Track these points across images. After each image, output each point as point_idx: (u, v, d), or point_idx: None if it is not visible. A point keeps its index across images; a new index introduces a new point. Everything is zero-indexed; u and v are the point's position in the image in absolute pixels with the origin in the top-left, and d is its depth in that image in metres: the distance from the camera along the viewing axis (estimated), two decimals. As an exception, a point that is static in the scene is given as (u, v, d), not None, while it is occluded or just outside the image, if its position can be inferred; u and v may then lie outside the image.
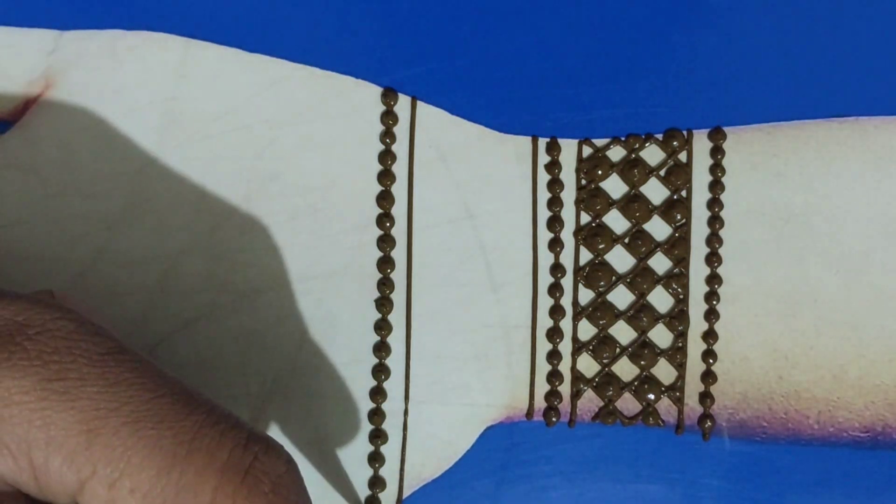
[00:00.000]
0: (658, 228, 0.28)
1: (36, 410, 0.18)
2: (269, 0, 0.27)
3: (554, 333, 0.27)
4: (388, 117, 0.27)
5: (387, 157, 0.27)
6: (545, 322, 0.27)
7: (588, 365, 0.27)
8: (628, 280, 0.28)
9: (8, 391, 0.18)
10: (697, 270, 0.28)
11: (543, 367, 0.27)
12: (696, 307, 0.28)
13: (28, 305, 0.19)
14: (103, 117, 0.26)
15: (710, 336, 0.27)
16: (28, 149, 0.26)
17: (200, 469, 0.18)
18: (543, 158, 0.28)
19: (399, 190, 0.27)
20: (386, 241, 0.27)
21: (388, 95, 0.27)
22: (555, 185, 0.27)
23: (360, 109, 0.27)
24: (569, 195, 0.28)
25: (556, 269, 0.27)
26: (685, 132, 0.28)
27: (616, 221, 0.28)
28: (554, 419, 0.27)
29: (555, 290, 0.27)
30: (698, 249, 0.28)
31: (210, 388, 0.26)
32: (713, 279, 0.28)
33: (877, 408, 0.28)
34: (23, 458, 0.18)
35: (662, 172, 0.28)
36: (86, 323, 0.19)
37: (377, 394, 0.27)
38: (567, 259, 0.28)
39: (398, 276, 0.27)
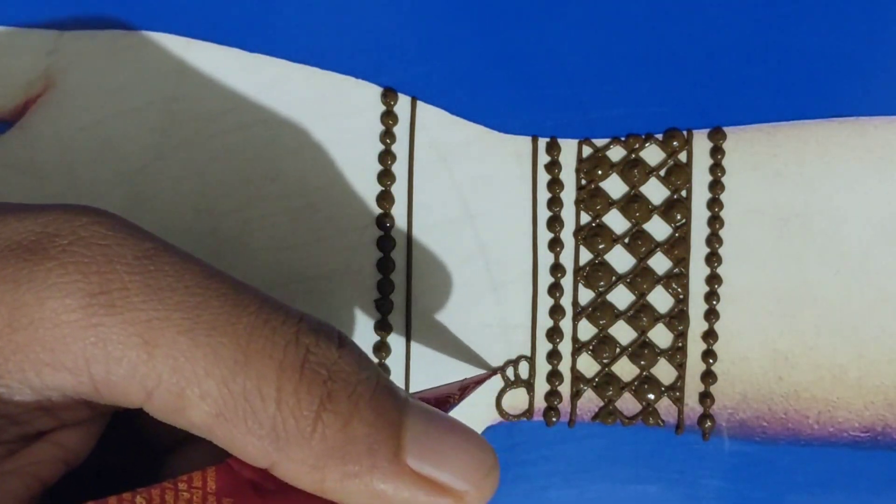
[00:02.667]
0: (658, 228, 0.28)
1: (87, 328, 0.17)
2: (269, 0, 0.27)
3: (554, 333, 0.27)
4: (388, 117, 0.27)
5: (387, 157, 0.27)
6: (545, 322, 0.27)
7: (588, 365, 0.27)
8: (628, 280, 0.28)
9: (54, 312, 0.17)
10: (697, 270, 0.28)
11: (543, 367, 0.27)
12: (696, 307, 0.28)
13: (55, 214, 0.18)
14: (103, 117, 0.26)
15: (710, 336, 0.27)
16: (28, 149, 0.26)
17: (261, 373, 0.18)
18: (543, 158, 0.28)
19: (399, 190, 0.27)
20: (386, 241, 0.27)
21: (388, 95, 0.27)
22: (555, 185, 0.27)
23: (360, 109, 0.27)
24: (569, 195, 0.28)
25: (556, 269, 0.27)
26: (685, 132, 0.28)
27: (616, 221, 0.28)
28: (554, 419, 0.27)
29: (555, 290, 0.27)
30: (698, 249, 0.28)
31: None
32: (713, 279, 0.28)
33: (877, 408, 0.28)
34: (82, 373, 0.17)
35: (662, 172, 0.28)
36: (118, 224, 0.19)
37: (377, 394, 0.27)
38: (567, 259, 0.28)
39: (398, 276, 0.27)
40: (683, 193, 0.28)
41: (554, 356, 0.27)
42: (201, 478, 0.18)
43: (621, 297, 0.28)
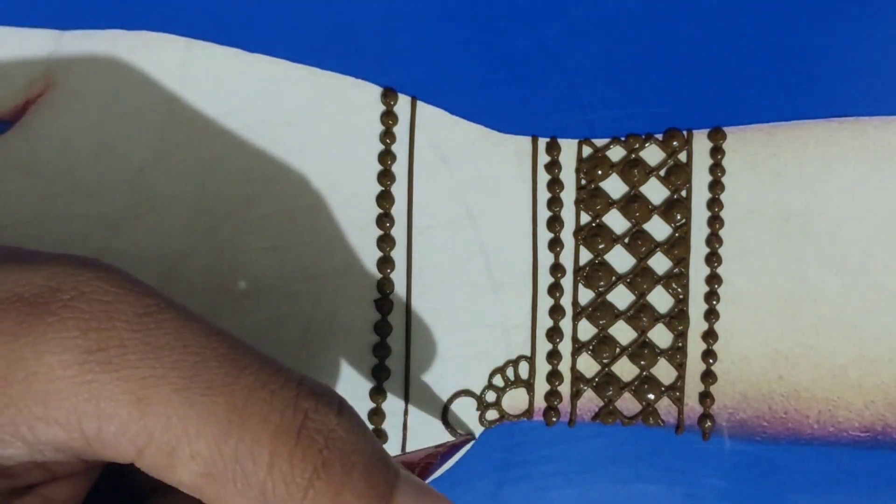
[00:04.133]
0: (658, 228, 0.28)
1: (81, 384, 0.17)
2: (269, 0, 0.27)
3: (554, 333, 0.27)
4: (388, 117, 0.27)
5: (387, 157, 0.27)
6: (545, 322, 0.27)
7: (588, 365, 0.27)
8: (628, 280, 0.28)
9: (50, 367, 0.17)
10: (697, 270, 0.28)
11: (543, 367, 0.27)
12: (696, 307, 0.28)
13: (58, 267, 0.18)
14: (103, 117, 0.26)
15: (710, 336, 0.27)
16: (28, 149, 0.26)
17: (255, 435, 0.17)
18: (543, 158, 0.28)
19: (399, 190, 0.27)
20: (386, 241, 0.27)
21: (388, 95, 0.27)
22: (555, 185, 0.27)
23: (360, 109, 0.27)
24: (569, 195, 0.28)
25: (556, 269, 0.28)
26: (685, 132, 0.28)
27: (616, 221, 0.28)
28: (554, 419, 0.27)
29: (555, 290, 0.27)
30: (698, 249, 0.28)
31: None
32: (713, 279, 0.28)
33: (877, 408, 0.28)
34: (74, 429, 0.17)
35: (662, 172, 0.28)
36: (120, 279, 0.18)
37: (377, 394, 0.27)
38: (567, 259, 0.28)
39: (398, 276, 0.27)
40: (683, 193, 0.28)
41: (554, 356, 0.27)
42: None
43: (621, 297, 0.28)
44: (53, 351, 0.17)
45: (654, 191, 0.28)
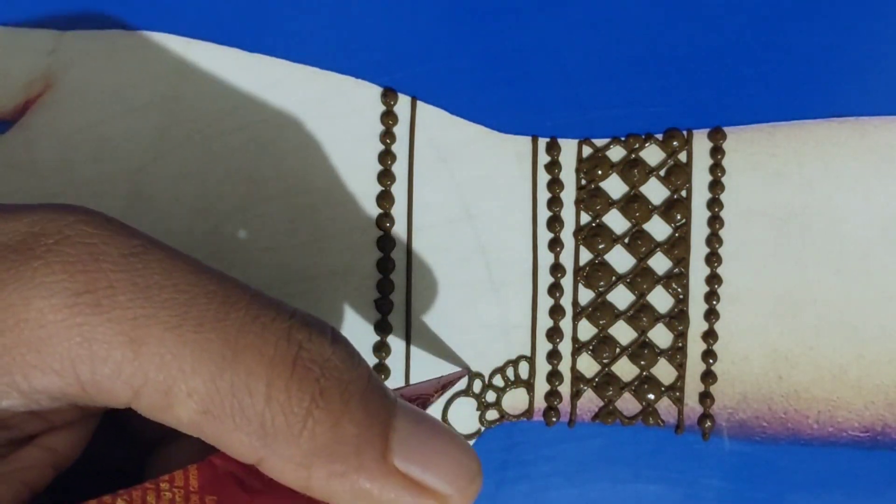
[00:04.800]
0: (658, 228, 0.28)
1: (72, 327, 0.17)
2: (269, 0, 0.27)
3: (554, 333, 0.27)
4: (388, 117, 0.27)
5: (387, 157, 0.27)
6: (545, 322, 0.27)
7: (588, 365, 0.27)
8: (628, 280, 0.28)
9: (40, 312, 0.17)
10: (697, 270, 0.28)
11: (543, 367, 0.27)
12: (696, 307, 0.28)
13: (41, 214, 0.18)
14: (103, 117, 0.26)
15: (710, 336, 0.27)
16: (28, 149, 0.26)
17: (250, 368, 0.17)
18: (543, 158, 0.28)
19: (399, 190, 0.27)
20: (386, 241, 0.27)
21: (388, 95, 0.27)
22: (555, 185, 0.27)
23: (360, 109, 0.27)
24: (569, 195, 0.28)
25: (556, 269, 0.27)
26: (685, 132, 0.28)
27: (616, 221, 0.28)
28: (554, 419, 0.27)
29: (555, 290, 0.27)
30: (698, 249, 0.28)
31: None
32: (713, 279, 0.28)
33: (877, 408, 0.28)
34: (69, 374, 0.17)
35: (662, 172, 0.28)
36: (104, 221, 0.18)
37: (377, 394, 0.27)
38: (567, 259, 0.28)
39: (398, 276, 0.27)
40: (683, 193, 0.28)
41: (554, 356, 0.27)
42: (183, 476, 0.18)
43: (621, 297, 0.28)
44: (42, 295, 0.17)
45: (654, 191, 0.28)
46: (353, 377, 0.18)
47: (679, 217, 0.28)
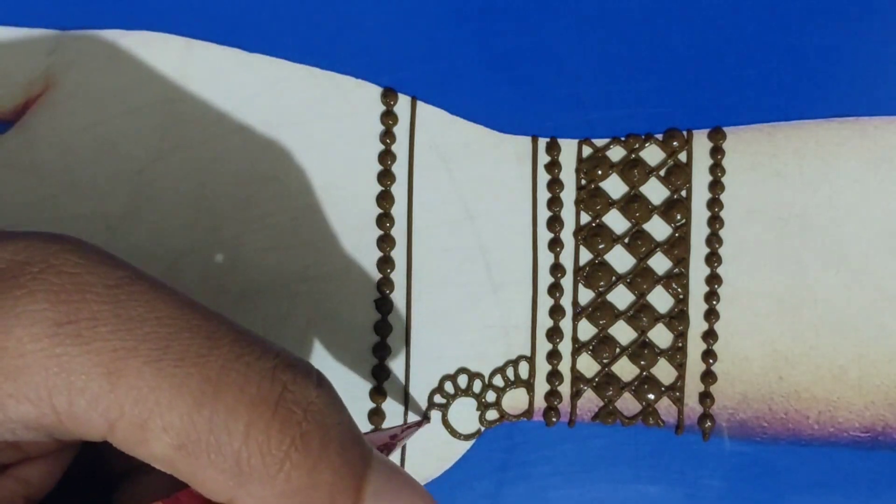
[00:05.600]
0: (658, 228, 0.28)
1: (51, 357, 0.17)
2: (269, 0, 0.27)
3: (554, 333, 0.27)
4: (388, 117, 0.27)
5: (387, 157, 0.27)
6: (545, 322, 0.27)
7: (588, 365, 0.27)
8: (628, 280, 0.28)
9: (20, 341, 0.17)
10: (697, 270, 0.28)
11: (543, 367, 0.27)
12: (696, 307, 0.28)
13: (27, 242, 0.18)
14: (103, 117, 0.26)
15: (710, 336, 0.27)
16: (28, 149, 0.26)
17: (231, 406, 0.17)
18: (543, 158, 0.28)
19: (399, 190, 0.27)
20: (386, 241, 0.27)
21: (388, 95, 0.27)
22: (555, 185, 0.27)
23: (360, 109, 0.27)
24: (569, 195, 0.28)
25: (556, 269, 0.27)
26: (685, 132, 0.28)
27: (616, 221, 0.28)
28: (554, 419, 0.27)
29: (555, 290, 0.27)
30: (698, 249, 0.28)
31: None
32: (713, 279, 0.28)
33: (877, 408, 0.28)
34: (45, 405, 0.17)
35: (662, 172, 0.28)
36: (90, 252, 0.18)
37: (377, 394, 0.27)
38: (567, 259, 0.28)
39: (398, 276, 0.27)
40: (683, 193, 0.28)
41: (554, 356, 0.27)
42: None
43: (621, 297, 0.28)
44: (23, 324, 0.17)
45: (654, 191, 0.28)
46: (335, 423, 0.18)
47: (679, 217, 0.28)
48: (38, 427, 0.18)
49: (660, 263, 0.28)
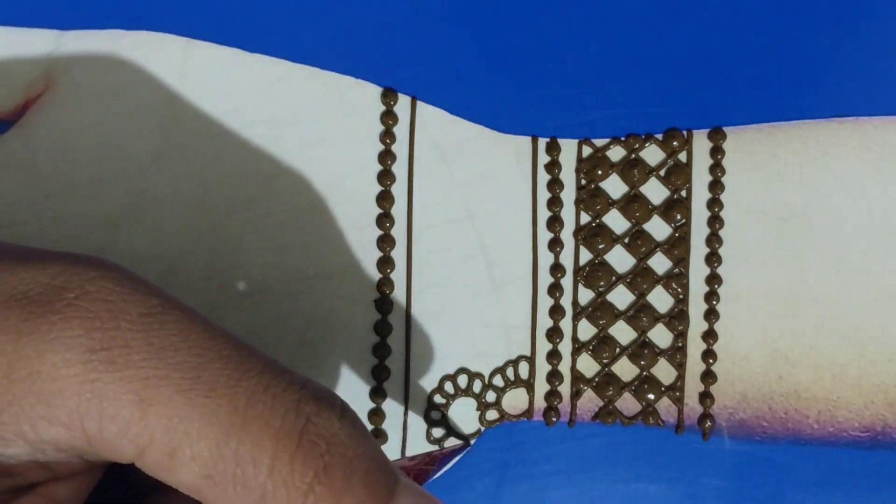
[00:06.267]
0: (658, 228, 0.28)
1: (84, 383, 0.17)
2: (269, 0, 0.27)
3: (554, 333, 0.27)
4: (388, 117, 0.27)
5: (387, 157, 0.27)
6: (545, 322, 0.27)
7: (588, 365, 0.27)
8: (628, 280, 0.28)
9: (54, 366, 0.17)
10: (697, 270, 0.28)
11: (543, 367, 0.27)
12: (696, 307, 0.28)
13: (64, 266, 0.18)
14: (103, 117, 0.26)
15: (710, 336, 0.27)
16: (28, 149, 0.26)
17: (256, 438, 0.17)
18: (543, 158, 0.28)
19: (399, 190, 0.27)
20: (386, 241, 0.27)
21: (388, 95, 0.27)
22: (555, 185, 0.27)
23: (360, 109, 0.27)
24: (569, 195, 0.28)
25: (556, 269, 0.28)
26: (685, 132, 0.28)
27: (616, 221, 0.28)
28: (554, 419, 0.27)
29: (555, 290, 0.27)
30: (698, 249, 0.28)
31: (210, 388, 0.26)
32: (713, 279, 0.28)
33: (877, 408, 0.28)
34: (76, 428, 0.17)
35: (662, 172, 0.28)
36: (125, 279, 0.18)
37: (377, 394, 0.27)
38: (567, 259, 0.28)
39: (398, 276, 0.27)
40: (683, 193, 0.28)
41: (554, 356, 0.27)
42: None
43: (621, 297, 0.28)
44: (57, 350, 0.17)
45: (654, 191, 0.28)
46: (359, 454, 0.18)
47: (679, 217, 0.28)
48: (68, 449, 0.18)
49: (660, 263, 0.28)
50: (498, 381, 0.27)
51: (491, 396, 0.27)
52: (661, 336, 0.28)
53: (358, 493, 0.18)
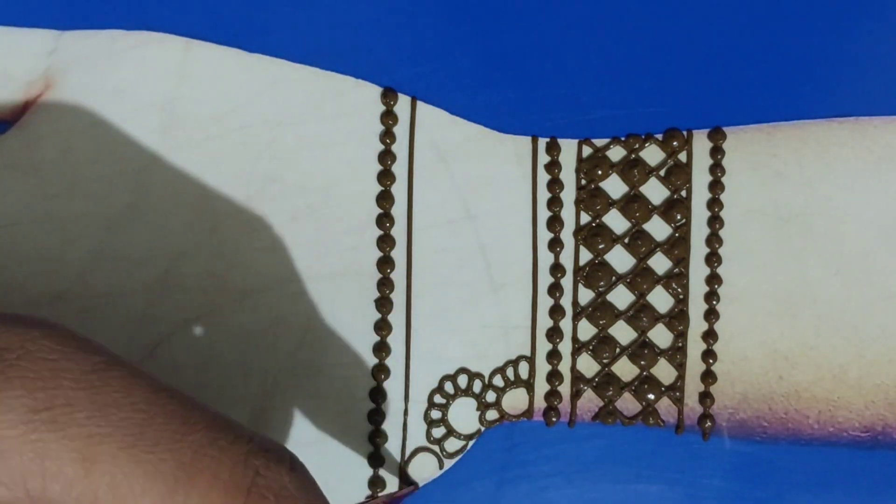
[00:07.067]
0: (658, 228, 0.28)
1: (26, 443, 0.17)
2: (269, 0, 0.27)
3: (554, 333, 0.27)
4: (388, 117, 0.27)
5: (387, 157, 0.27)
6: (545, 322, 0.27)
7: (588, 365, 0.27)
8: (628, 280, 0.28)
9: None
10: (697, 270, 0.28)
11: (543, 367, 0.27)
12: (696, 307, 0.28)
13: (4, 327, 0.18)
14: (103, 117, 0.26)
15: (710, 336, 0.27)
16: (28, 149, 0.26)
17: (203, 492, 0.17)
18: (543, 158, 0.28)
19: (399, 190, 0.27)
20: (386, 241, 0.27)
21: (388, 95, 0.27)
22: (555, 185, 0.27)
23: (360, 109, 0.27)
24: (569, 195, 0.28)
25: (556, 269, 0.27)
26: (685, 132, 0.28)
27: (616, 221, 0.28)
28: (554, 419, 0.27)
29: (555, 290, 0.27)
30: (698, 249, 0.28)
31: (210, 388, 0.26)
32: (713, 279, 0.28)
33: (877, 408, 0.28)
34: (19, 489, 0.17)
35: (662, 172, 0.28)
36: (68, 338, 0.18)
37: (377, 394, 0.27)
38: (567, 259, 0.28)
39: (398, 276, 0.27)
40: (683, 193, 0.28)
41: (554, 356, 0.27)
42: None
43: (621, 297, 0.28)
44: None
45: (654, 191, 0.28)
46: (311, 502, 0.18)
47: (679, 217, 0.28)
48: None
49: (660, 263, 0.28)
50: (498, 381, 0.27)
51: (491, 396, 0.27)
52: (661, 336, 0.28)
53: None
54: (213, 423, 0.18)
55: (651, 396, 0.27)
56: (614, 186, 0.28)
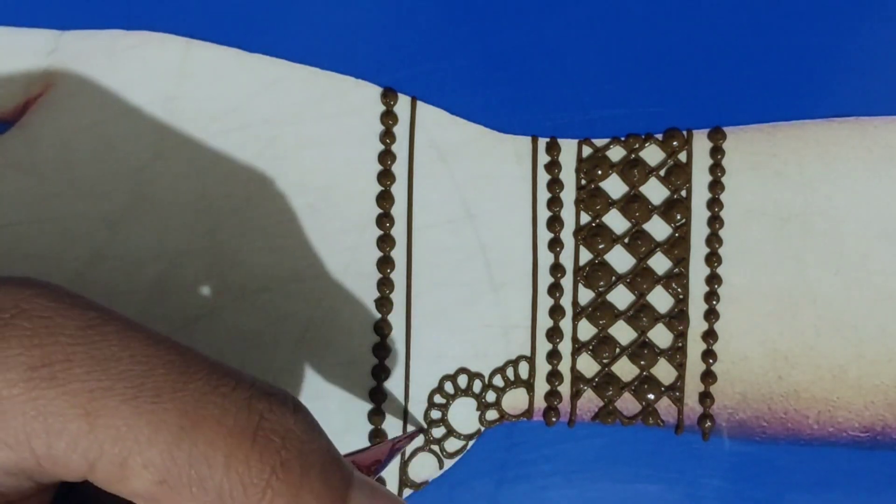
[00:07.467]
0: (658, 228, 0.28)
1: (27, 402, 0.17)
2: (269, 0, 0.27)
3: (554, 333, 0.27)
4: (388, 117, 0.27)
5: (387, 157, 0.27)
6: (545, 322, 0.27)
7: (588, 365, 0.27)
8: (628, 280, 0.28)
9: None
10: (697, 270, 0.28)
11: (543, 367, 0.27)
12: (696, 307, 0.28)
13: None
14: (103, 117, 0.26)
15: (709, 336, 0.27)
16: (28, 149, 0.26)
17: (209, 439, 0.17)
18: (543, 158, 0.28)
19: (399, 190, 0.27)
20: (386, 241, 0.27)
21: (388, 95, 0.27)
22: (555, 185, 0.27)
23: (360, 109, 0.27)
24: (569, 195, 0.28)
25: (556, 269, 0.28)
26: (685, 132, 0.28)
27: (616, 221, 0.28)
28: (554, 419, 0.27)
29: (555, 290, 0.27)
30: (698, 249, 0.28)
31: (210, 388, 0.26)
32: (713, 279, 0.28)
33: (876, 408, 0.28)
34: (23, 448, 0.17)
35: (662, 172, 0.28)
36: (62, 295, 0.18)
37: (377, 394, 0.27)
38: (567, 259, 0.28)
39: (398, 276, 0.27)
40: (683, 193, 0.28)
41: (554, 356, 0.27)
42: None
43: (621, 297, 0.28)
44: None
45: (654, 191, 0.28)
46: (315, 448, 0.18)
47: (679, 217, 0.28)
48: (17, 472, 0.18)
49: (660, 263, 0.28)
50: (498, 381, 0.27)
51: (491, 396, 0.27)
52: (661, 336, 0.28)
53: (316, 486, 0.18)
54: (213, 370, 0.18)
55: (651, 396, 0.27)
56: (614, 186, 0.28)
